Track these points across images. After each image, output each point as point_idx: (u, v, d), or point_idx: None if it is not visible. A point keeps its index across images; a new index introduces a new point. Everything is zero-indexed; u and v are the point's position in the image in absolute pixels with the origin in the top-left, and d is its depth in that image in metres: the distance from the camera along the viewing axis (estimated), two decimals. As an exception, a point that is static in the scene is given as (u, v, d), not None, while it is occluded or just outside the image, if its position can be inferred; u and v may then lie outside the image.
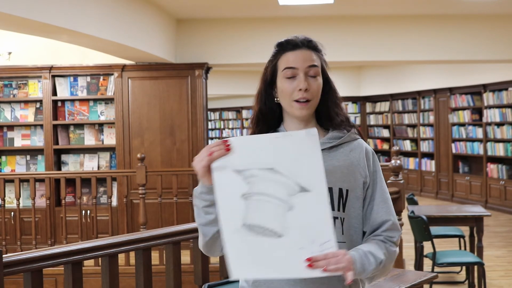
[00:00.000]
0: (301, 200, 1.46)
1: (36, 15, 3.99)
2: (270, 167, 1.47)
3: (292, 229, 1.45)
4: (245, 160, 1.47)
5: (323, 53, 1.69)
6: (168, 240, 2.78)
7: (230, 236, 1.47)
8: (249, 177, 1.47)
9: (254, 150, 1.48)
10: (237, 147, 1.48)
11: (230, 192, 1.47)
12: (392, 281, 2.94)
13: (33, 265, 2.22)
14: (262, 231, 1.45)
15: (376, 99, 13.05)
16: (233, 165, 1.47)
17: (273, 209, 1.46)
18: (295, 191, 1.46)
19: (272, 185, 1.46)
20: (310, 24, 7.12)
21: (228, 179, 1.48)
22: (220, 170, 1.48)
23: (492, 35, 7.22)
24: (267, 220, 1.45)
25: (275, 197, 1.46)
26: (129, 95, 6.97)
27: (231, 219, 1.47)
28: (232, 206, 1.47)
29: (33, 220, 5.72)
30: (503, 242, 7.51)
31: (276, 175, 1.46)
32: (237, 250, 1.47)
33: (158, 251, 5.39)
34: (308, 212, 1.46)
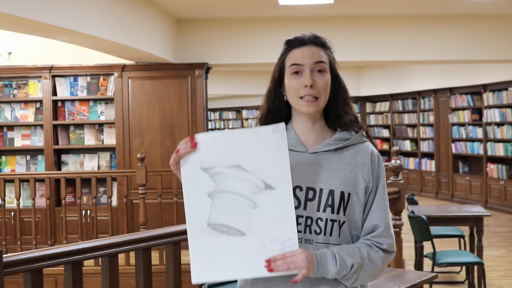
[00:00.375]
0: (265, 198, 1.45)
1: (36, 15, 3.99)
2: (236, 164, 1.46)
3: (255, 227, 1.45)
4: (212, 157, 1.46)
5: (332, 50, 1.68)
6: (168, 240, 2.78)
7: (194, 236, 1.47)
8: (216, 174, 1.46)
9: (221, 146, 1.47)
10: (204, 143, 1.47)
11: (196, 190, 1.47)
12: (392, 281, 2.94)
13: (33, 265, 2.22)
14: (226, 230, 1.45)
15: (376, 99, 13.05)
16: (200, 163, 1.47)
17: (237, 207, 1.45)
18: (260, 189, 1.46)
19: (238, 183, 1.46)
20: (310, 24, 7.12)
21: (195, 177, 1.47)
22: (187, 167, 1.48)
23: (492, 35, 7.22)
24: (231, 219, 1.45)
25: (241, 195, 1.46)
26: (129, 95, 6.97)
27: (197, 218, 1.47)
28: (198, 204, 1.47)
29: (33, 220, 5.72)
30: (503, 242, 7.51)
31: (242, 172, 1.46)
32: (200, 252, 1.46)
33: (158, 251, 5.39)
34: (272, 210, 1.45)
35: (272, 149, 1.47)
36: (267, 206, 1.45)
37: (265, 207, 1.45)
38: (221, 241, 1.45)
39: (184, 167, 1.48)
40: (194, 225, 1.47)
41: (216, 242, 1.45)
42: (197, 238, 1.46)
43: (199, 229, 1.46)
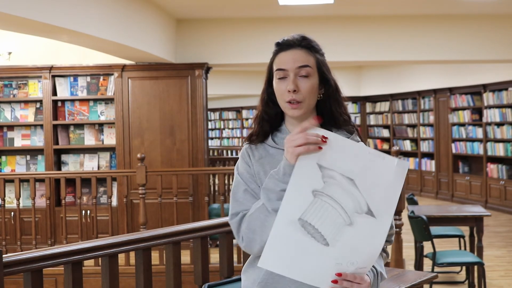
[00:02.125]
0: (363, 221, 1.45)
1: (36, 15, 3.99)
2: (351, 177, 1.45)
3: (341, 243, 1.45)
4: (332, 159, 1.45)
5: (321, 52, 1.67)
6: (168, 240, 2.78)
7: (281, 225, 1.45)
8: (328, 177, 1.45)
9: (345, 154, 1.46)
10: (331, 143, 1.46)
11: (304, 182, 1.45)
12: (392, 281, 2.94)
13: (33, 265, 2.22)
14: (313, 233, 1.44)
15: (376, 99, 13.05)
16: (319, 159, 1.45)
17: (334, 217, 1.45)
18: (362, 211, 1.45)
19: (344, 195, 1.45)
20: (310, 24, 7.12)
21: (308, 169, 1.45)
22: (305, 157, 1.46)
23: (492, 35, 7.22)
24: (322, 224, 1.44)
25: (342, 207, 1.45)
26: (129, 95, 6.97)
27: (292, 207, 1.45)
28: (299, 196, 1.45)
29: (33, 220, 5.72)
30: (503, 242, 7.51)
31: (353, 188, 1.45)
32: (280, 242, 1.46)
33: (158, 251, 5.39)
34: (363, 235, 1.45)
35: (389, 180, 1.46)
36: (360, 230, 1.45)
37: (358, 230, 1.45)
38: (303, 240, 1.45)
39: (303, 156, 1.46)
40: (286, 214, 1.45)
41: (299, 238, 1.45)
42: (283, 227, 1.45)
43: (289, 219, 1.45)
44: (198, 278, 2.96)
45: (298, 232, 1.44)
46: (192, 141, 6.99)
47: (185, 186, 6.59)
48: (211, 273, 3.04)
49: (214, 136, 17.20)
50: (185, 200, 6.36)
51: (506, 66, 9.03)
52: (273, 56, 1.67)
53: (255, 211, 1.57)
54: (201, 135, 6.99)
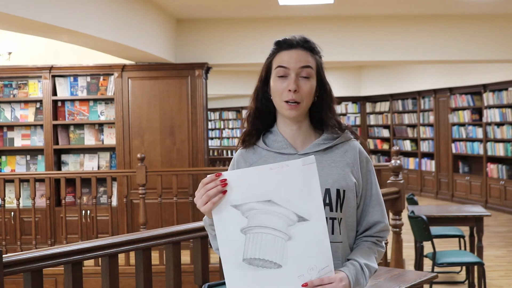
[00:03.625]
0: (299, 230, 1.47)
1: (36, 15, 3.99)
2: (267, 199, 1.47)
3: (291, 258, 1.47)
4: (242, 194, 1.47)
5: (320, 55, 1.67)
6: (168, 240, 2.78)
7: (231, 272, 1.48)
8: (247, 210, 1.47)
9: (250, 183, 1.48)
10: (232, 181, 1.47)
11: (229, 228, 1.48)
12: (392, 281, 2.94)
13: (33, 265, 2.22)
14: (262, 264, 1.47)
15: (376, 99, 13.05)
16: (230, 201, 1.48)
17: (271, 241, 1.47)
18: (294, 221, 1.47)
19: (270, 217, 1.47)
20: (310, 24, 7.12)
21: (227, 215, 1.48)
22: (218, 206, 1.48)
23: (492, 35, 7.23)
24: (266, 252, 1.47)
25: (274, 229, 1.47)
26: (129, 95, 6.97)
27: (232, 254, 1.48)
28: (232, 241, 1.48)
29: (33, 220, 5.72)
30: (503, 242, 7.51)
31: (274, 207, 1.47)
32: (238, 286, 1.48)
33: (158, 251, 5.39)
34: (306, 241, 1.48)
35: (302, 181, 1.48)
36: (301, 238, 1.47)
37: (299, 239, 1.47)
38: (258, 274, 1.47)
39: (215, 206, 1.49)
40: (230, 262, 1.48)
41: (253, 276, 1.47)
42: (233, 274, 1.48)
43: (235, 266, 1.48)
44: (198, 278, 2.96)
45: (249, 270, 1.47)
46: (192, 141, 6.99)
47: (185, 186, 6.59)
48: (211, 273, 3.04)
49: (214, 136, 17.20)
50: (185, 200, 6.36)
51: (506, 66, 9.03)
52: (272, 54, 1.66)
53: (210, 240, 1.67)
54: (201, 135, 6.99)
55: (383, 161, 12.83)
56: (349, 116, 13.44)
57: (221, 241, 1.48)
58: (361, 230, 1.69)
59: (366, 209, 1.68)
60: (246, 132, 1.70)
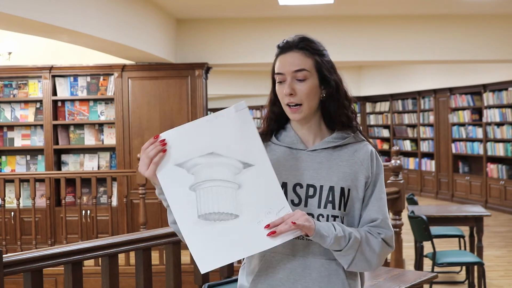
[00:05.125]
0: (247, 176, 1.48)
1: (36, 15, 3.99)
2: (209, 152, 1.48)
3: (246, 206, 1.47)
4: (183, 151, 1.47)
5: (321, 52, 1.64)
6: (168, 240, 2.78)
7: (188, 231, 1.47)
8: (192, 167, 1.47)
9: (189, 139, 1.48)
10: (171, 140, 1.47)
11: (177, 188, 1.47)
12: (392, 281, 2.94)
13: (33, 265, 2.22)
14: (218, 217, 1.47)
15: (376, 99, 13.05)
16: (173, 160, 1.47)
17: (222, 192, 1.47)
18: (239, 169, 1.48)
19: (216, 169, 1.47)
20: (310, 24, 7.12)
21: (172, 175, 1.47)
22: (161, 168, 1.48)
23: (492, 35, 7.22)
24: (220, 205, 1.47)
25: (222, 180, 1.47)
26: (129, 95, 6.97)
27: (186, 213, 1.47)
28: (183, 200, 1.47)
29: (33, 220, 5.72)
30: (503, 242, 7.51)
31: (218, 158, 1.47)
32: (198, 244, 1.47)
33: (158, 251, 5.39)
34: (257, 186, 1.48)
35: (239, 128, 1.49)
36: (251, 184, 1.48)
37: (249, 185, 1.48)
38: (216, 228, 1.47)
39: (159, 169, 1.48)
40: (186, 221, 1.48)
41: (212, 230, 1.47)
42: (192, 233, 1.47)
43: (191, 224, 1.47)
44: (198, 278, 2.96)
45: (207, 226, 1.47)
46: (192, 141, 6.98)
47: (185, 186, 6.58)
48: (211, 273, 3.03)
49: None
50: (185, 200, 6.35)
51: (506, 66, 9.03)
52: (275, 59, 1.68)
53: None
54: (201, 135, 6.98)
55: (383, 161, 12.83)
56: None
57: (172, 203, 1.47)
58: (359, 226, 1.65)
59: (366, 207, 1.66)
60: (262, 132, 1.71)
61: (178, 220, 1.48)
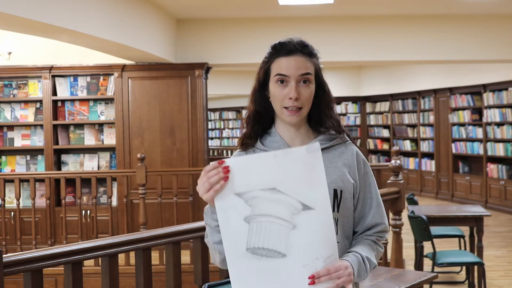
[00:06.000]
0: (304, 218, 1.44)
1: (36, 15, 3.99)
2: (271, 187, 1.44)
3: (296, 247, 1.44)
4: (245, 182, 1.44)
5: (317, 57, 1.66)
6: (168, 240, 2.78)
7: (234, 261, 1.45)
8: (251, 199, 1.44)
9: (254, 170, 1.44)
10: (235, 168, 1.44)
11: (232, 216, 1.45)
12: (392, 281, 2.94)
13: (33, 265, 2.22)
14: (266, 253, 1.44)
15: (376, 99, 13.05)
16: (233, 188, 1.44)
17: (276, 229, 1.44)
18: (298, 210, 1.44)
19: (274, 206, 1.44)
20: (310, 24, 7.12)
21: (230, 203, 1.44)
22: (220, 194, 1.45)
23: (492, 35, 7.22)
24: (270, 242, 1.44)
25: (278, 217, 1.44)
26: (129, 95, 6.97)
27: (235, 244, 1.45)
28: (235, 230, 1.44)
29: (33, 220, 5.72)
30: (503, 242, 7.51)
31: (278, 195, 1.44)
32: (241, 276, 1.45)
33: (158, 251, 5.39)
34: (311, 230, 1.44)
35: (307, 169, 1.45)
36: (306, 227, 1.44)
37: (304, 228, 1.44)
38: (261, 264, 1.44)
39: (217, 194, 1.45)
40: (233, 252, 1.45)
41: (256, 266, 1.44)
42: (237, 264, 1.45)
43: (238, 255, 1.45)
44: (198, 278, 2.96)
45: (253, 260, 1.44)
46: (192, 141, 6.99)
47: (185, 186, 6.59)
48: (211, 273, 3.04)
49: (214, 136, 17.20)
50: (185, 200, 6.36)
51: (506, 66, 9.03)
52: (270, 58, 1.65)
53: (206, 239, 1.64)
54: (201, 135, 7.00)
55: (383, 161, 12.83)
56: (349, 116, 13.43)
57: (223, 230, 1.45)
58: (361, 231, 1.68)
59: (365, 211, 1.68)
60: (246, 135, 1.69)
61: (226, 249, 1.46)
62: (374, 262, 1.63)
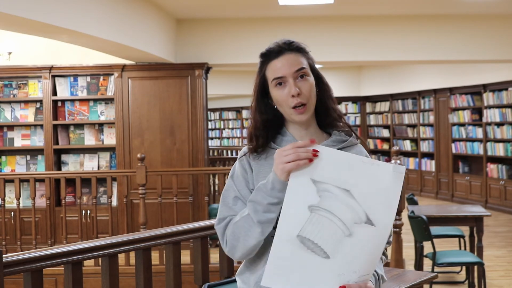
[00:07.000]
0: (362, 231, 1.44)
1: (36, 15, 3.99)
2: (346, 188, 1.43)
3: (342, 255, 1.44)
4: (325, 173, 1.44)
5: (307, 52, 1.67)
6: (168, 240, 2.78)
7: (280, 243, 1.44)
8: (323, 190, 1.44)
9: (338, 166, 1.44)
10: (322, 155, 1.44)
11: (299, 199, 1.44)
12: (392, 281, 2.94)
13: (33, 265, 2.22)
14: (313, 248, 1.44)
15: (376, 99, 13.05)
16: (312, 173, 1.44)
17: (332, 230, 1.43)
18: (361, 220, 1.44)
19: (341, 207, 1.43)
20: (310, 24, 7.12)
21: (302, 185, 1.44)
22: (298, 173, 1.44)
23: (492, 35, 7.22)
24: (322, 239, 1.43)
25: (340, 219, 1.43)
26: (129, 95, 6.97)
27: (289, 225, 1.44)
28: (296, 213, 1.44)
29: (33, 220, 5.72)
30: (503, 242, 7.51)
31: (349, 199, 1.43)
32: (280, 259, 1.45)
33: (158, 251, 5.39)
34: (364, 244, 1.44)
35: (386, 186, 1.45)
36: (360, 239, 1.44)
37: (358, 239, 1.44)
38: (304, 256, 1.44)
39: (295, 172, 1.44)
40: (284, 232, 1.44)
41: (299, 255, 1.44)
42: (282, 245, 1.45)
43: (287, 237, 1.44)
44: (198, 278, 2.96)
45: (298, 248, 1.44)
46: (192, 141, 6.99)
47: (185, 186, 6.59)
48: (211, 273, 3.04)
49: (214, 136, 17.20)
50: (185, 200, 6.36)
51: (506, 66, 9.03)
52: (262, 66, 1.66)
53: (240, 219, 1.56)
54: (201, 135, 7.00)
55: (383, 161, 12.81)
56: (349, 116, 13.43)
57: (285, 208, 1.44)
58: None
59: None
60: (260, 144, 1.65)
61: (279, 227, 1.44)
62: (385, 279, 1.66)
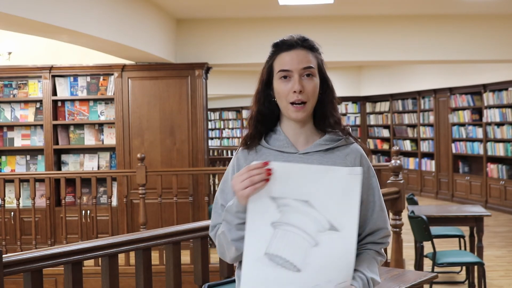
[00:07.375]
0: (328, 238, 1.44)
1: (36, 15, 3.99)
2: (305, 200, 1.44)
3: (312, 265, 1.43)
4: (282, 188, 1.44)
5: (320, 52, 1.66)
6: (168, 240, 2.77)
7: (249, 263, 1.45)
8: (283, 206, 1.44)
9: (294, 179, 1.44)
10: (276, 172, 1.44)
11: (260, 218, 1.45)
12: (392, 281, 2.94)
13: (33, 265, 2.22)
14: (282, 263, 1.44)
15: (376, 99, 13.05)
16: (269, 192, 1.44)
17: (298, 242, 1.43)
18: (325, 228, 1.44)
19: (303, 218, 1.43)
20: (310, 24, 7.12)
21: (262, 205, 1.45)
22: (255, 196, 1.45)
23: (492, 35, 7.22)
24: (289, 253, 1.43)
25: (303, 231, 1.43)
26: (129, 95, 6.97)
27: (256, 245, 1.45)
28: (260, 232, 1.44)
29: (33, 220, 5.72)
30: (503, 242, 7.51)
31: (310, 209, 1.44)
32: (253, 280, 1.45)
33: (158, 251, 5.39)
34: (332, 251, 1.44)
35: (344, 191, 1.45)
36: (328, 247, 1.44)
37: (325, 248, 1.44)
38: (275, 273, 1.44)
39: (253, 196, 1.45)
40: (252, 252, 1.45)
41: (270, 273, 1.44)
42: (251, 265, 1.45)
43: (255, 257, 1.45)
44: (198, 278, 2.96)
45: (268, 266, 1.44)
46: (192, 141, 6.99)
47: (185, 186, 6.59)
48: (211, 273, 3.04)
49: (214, 136, 17.19)
50: (185, 200, 6.36)
51: (506, 66, 9.03)
52: (271, 57, 1.65)
53: (221, 234, 1.60)
54: (201, 135, 6.99)
55: (383, 161, 12.83)
56: (349, 116, 13.43)
57: (249, 229, 1.45)
58: (363, 236, 1.66)
59: (368, 215, 1.66)
60: (249, 136, 1.68)
61: (246, 248, 1.45)
62: (378, 281, 1.61)
